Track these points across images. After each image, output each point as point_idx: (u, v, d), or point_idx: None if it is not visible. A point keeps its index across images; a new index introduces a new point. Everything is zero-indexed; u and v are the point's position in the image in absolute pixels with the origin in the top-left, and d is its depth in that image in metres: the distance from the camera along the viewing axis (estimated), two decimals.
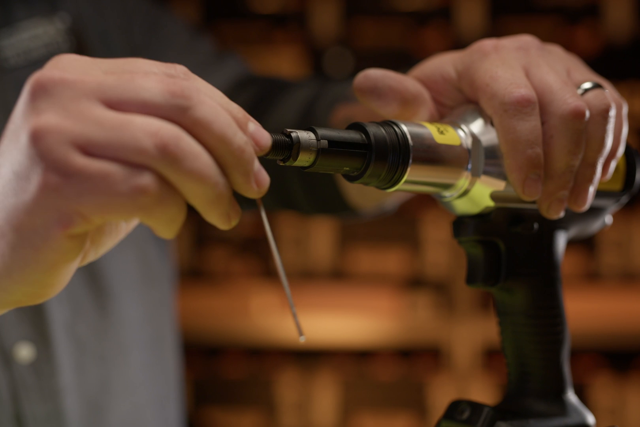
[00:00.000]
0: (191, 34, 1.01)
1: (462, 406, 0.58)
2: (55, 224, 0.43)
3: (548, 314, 0.59)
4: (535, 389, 0.58)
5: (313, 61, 2.29)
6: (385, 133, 0.52)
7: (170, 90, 0.44)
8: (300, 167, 0.50)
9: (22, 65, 0.88)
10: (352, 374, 2.21)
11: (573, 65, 0.58)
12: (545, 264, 0.59)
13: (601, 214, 0.62)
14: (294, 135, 0.49)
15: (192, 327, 2.12)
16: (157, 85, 0.44)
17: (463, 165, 0.55)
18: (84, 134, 0.42)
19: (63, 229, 0.43)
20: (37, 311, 0.85)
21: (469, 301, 2.17)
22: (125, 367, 0.93)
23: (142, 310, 0.95)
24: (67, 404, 0.86)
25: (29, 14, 0.90)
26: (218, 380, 2.26)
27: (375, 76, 0.57)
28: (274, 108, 0.90)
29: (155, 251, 0.98)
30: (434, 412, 2.16)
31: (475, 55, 0.57)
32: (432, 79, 0.59)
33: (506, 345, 0.60)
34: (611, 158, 0.57)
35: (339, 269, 2.24)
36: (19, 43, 0.88)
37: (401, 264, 2.22)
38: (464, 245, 0.58)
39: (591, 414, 0.59)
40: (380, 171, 0.52)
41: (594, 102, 0.55)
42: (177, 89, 0.44)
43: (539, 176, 0.54)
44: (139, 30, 0.97)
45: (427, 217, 2.21)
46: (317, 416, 2.22)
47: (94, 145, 0.42)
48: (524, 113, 0.53)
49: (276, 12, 2.32)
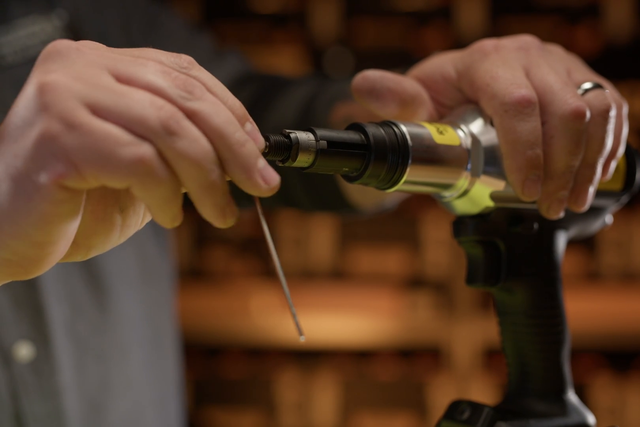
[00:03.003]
0: (190, 31, 1.01)
1: (462, 406, 0.58)
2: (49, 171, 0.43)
3: (548, 314, 0.59)
4: (536, 389, 0.58)
5: (313, 61, 2.29)
6: (385, 133, 0.52)
7: (176, 83, 0.45)
8: (300, 168, 0.50)
9: (19, 62, 0.88)
10: (352, 374, 2.21)
11: (573, 65, 0.58)
12: (546, 264, 0.59)
13: (601, 214, 0.62)
14: (293, 136, 0.49)
15: (192, 327, 2.12)
16: (165, 76, 0.45)
17: (463, 166, 0.55)
18: (93, 94, 0.43)
19: (56, 178, 0.43)
20: (36, 309, 0.84)
21: (469, 301, 2.17)
22: (125, 366, 0.92)
23: (141, 308, 0.95)
24: (67, 403, 0.86)
25: (26, 11, 0.90)
26: (218, 380, 2.26)
27: (373, 77, 0.57)
28: (274, 106, 0.90)
29: (154, 248, 0.97)
30: (434, 412, 2.16)
31: (476, 55, 0.57)
32: (432, 79, 0.59)
33: (506, 345, 0.60)
34: (611, 158, 0.57)
35: (339, 269, 2.24)
36: (16, 41, 0.88)
37: (401, 264, 2.22)
38: (464, 245, 0.58)
39: (591, 414, 0.59)
40: (379, 172, 0.52)
41: (595, 103, 0.55)
42: (180, 82, 0.45)
43: (538, 177, 0.54)
44: (137, 27, 0.97)
45: (427, 217, 2.21)
46: (317, 416, 2.22)
47: (101, 108, 0.43)
48: (525, 113, 0.53)
49: (276, 12, 2.32)
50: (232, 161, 0.45)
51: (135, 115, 0.43)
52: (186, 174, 0.43)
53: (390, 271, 2.22)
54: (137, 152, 0.42)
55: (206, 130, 0.44)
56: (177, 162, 0.43)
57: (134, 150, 0.42)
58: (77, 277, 0.88)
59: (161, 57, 0.47)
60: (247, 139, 0.45)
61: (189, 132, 0.43)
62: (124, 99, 0.43)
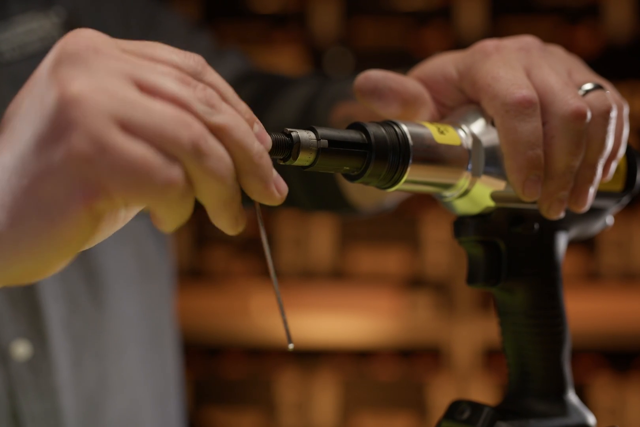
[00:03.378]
0: (189, 29, 1.01)
1: (462, 406, 0.58)
2: (79, 195, 0.41)
3: (549, 314, 0.59)
4: (536, 389, 0.58)
5: (313, 61, 2.29)
6: (386, 133, 0.52)
7: (197, 95, 0.44)
8: (301, 167, 0.50)
9: (18, 59, 0.88)
10: (352, 374, 2.21)
11: (574, 66, 0.58)
12: (546, 264, 0.59)
13: (602, 215, 0.62)
14: (294, 135, 0.49)
15: (192, 327, 2.12)
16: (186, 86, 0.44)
17: (463, 165, 0.55)
18: (122, 110, 0.41)
19: (86, 202, 0.41)
20: (33, 307, 0.84)
21: (469, 301, 2.17)
22: (122, 364, 0.92)
23: (139, 306, 0.95)
24: (65, 401, 0.86)
25: (24, 8, 0.90)
26: (218, 380, 2.26)
27: (375, 77, 0.57)
28: (274, 105, 0.90)
29: (153, 246, 0.97)
30: (434, 412, 2.16)
31: (477, 56, 0.57)
32: (433, 79, 0.59)
33: (507, 345, 0.60)
34: (612, 159, 0.57)
35: (339, 269, 2.24)
36: (14, 37, 0.88)
37: (401, 264, 2.22)
38: (464, 245, 0.58)
39: (592, 414, 0.59)
40: (380, 171, 0.52)
41: (595, 103, 0.55)
42: (201, 95, 0.44)
43: (539, 177, 0.54)
44: (136, 25, 0.97)
45: (427, 217, 2.21)
46: (317, 416, 2.22)
47: (132, 125, 0.41)
48: (526, 114, 0.53)
49: (276, 12, 2.32)
50: (251, 173, 0.45)
51: (169, 136, 0.41)
52: (208, 190, 0.43)
53: (390, 271, 2.22)
54: (169, 175, 0.41)
55: (228, 144, 0.44)
56: (202, 181, 0.43)
57: (166, 174, 0.41)
58: (74, 274, 0.88)
59: (174, 58, 0.45)
60: (263, 149, 0.45)
61: (215, 151, 0.43)
62: (154, 116, 0.41)
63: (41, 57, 0.45)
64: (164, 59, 0.45)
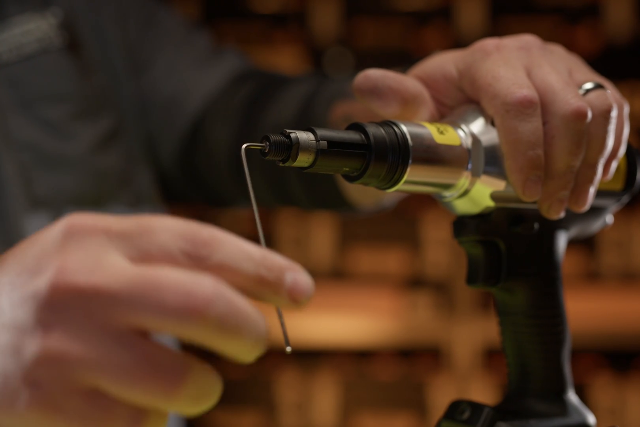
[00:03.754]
0: (188, 28, 1.01)
1: (462, 406, 0.58)
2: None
3: (548, 314, 0.59)
4: (536, 389, 0.58)
5: (313, 61, 2.29)
6: (385, 133, 0.52)
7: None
8: (300, 168, 0.50)
9: (15, 60, 0.88)
10: (352, 374, 2.21)
11: (575, 65, 0.58)
12: (546, 264, 0.59)
13: (602, 214, 0.62)
14: (293, 136, 0.48)
15: None
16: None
17: (463, 165, 0.55)
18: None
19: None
20: None
21: (469, 301, 2.17)
22: None
23: None
24: None
25: (21, 9, 0.90)
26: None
27: (375, 76, 0.57)
28: (273, 104, 0.89)
29: None
30: (434, 412, 2.16)
31: (477, 55, 0.56)
32: (433, 78, 0.58)
33: (507, 345, 0.59)
34: (612, 159, 0.57)
35: (339, 269, 2.24)
36: (11, 38, 0.88)
37: (401, 264, 2.22)
38: (464, 245, 0.58)
39: (592, 414, 0.59)
40: (380, 171, 0.52)
41: (596, 103, 0.55)
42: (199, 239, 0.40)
43: (539, 177, 0.54)
44: (135, 25, 0.97)
45: (427, 217, 2.21)
46: (317, 416, 2.22)
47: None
48: (526, 114, 0.53)
49: (276, 12, 2.32)
50: (274, 296, 0.44)
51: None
52: (232, 349, 0.43)
53: (390, 271, 2.22)
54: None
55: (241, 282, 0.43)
56: (224, 347, 0.42)
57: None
58: None
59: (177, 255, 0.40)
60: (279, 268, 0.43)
61: (237, 308, 0.42)
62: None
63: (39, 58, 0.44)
64: (166, 248, 0.41)
